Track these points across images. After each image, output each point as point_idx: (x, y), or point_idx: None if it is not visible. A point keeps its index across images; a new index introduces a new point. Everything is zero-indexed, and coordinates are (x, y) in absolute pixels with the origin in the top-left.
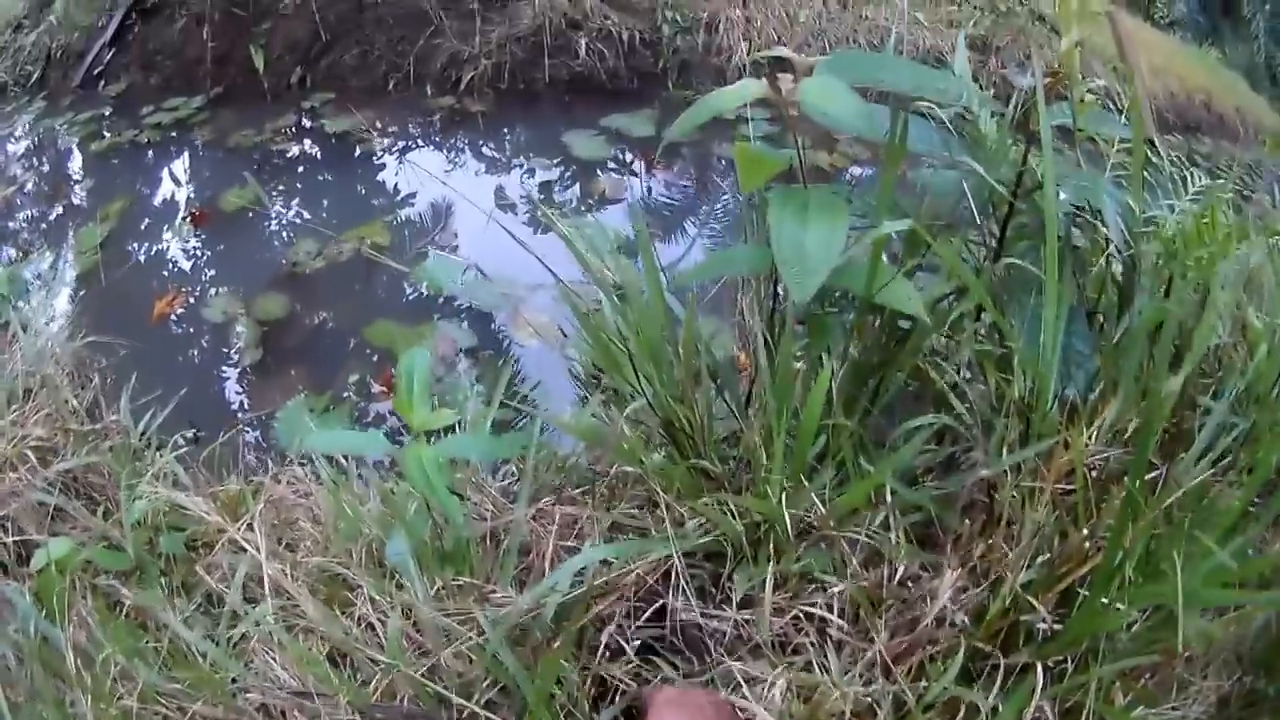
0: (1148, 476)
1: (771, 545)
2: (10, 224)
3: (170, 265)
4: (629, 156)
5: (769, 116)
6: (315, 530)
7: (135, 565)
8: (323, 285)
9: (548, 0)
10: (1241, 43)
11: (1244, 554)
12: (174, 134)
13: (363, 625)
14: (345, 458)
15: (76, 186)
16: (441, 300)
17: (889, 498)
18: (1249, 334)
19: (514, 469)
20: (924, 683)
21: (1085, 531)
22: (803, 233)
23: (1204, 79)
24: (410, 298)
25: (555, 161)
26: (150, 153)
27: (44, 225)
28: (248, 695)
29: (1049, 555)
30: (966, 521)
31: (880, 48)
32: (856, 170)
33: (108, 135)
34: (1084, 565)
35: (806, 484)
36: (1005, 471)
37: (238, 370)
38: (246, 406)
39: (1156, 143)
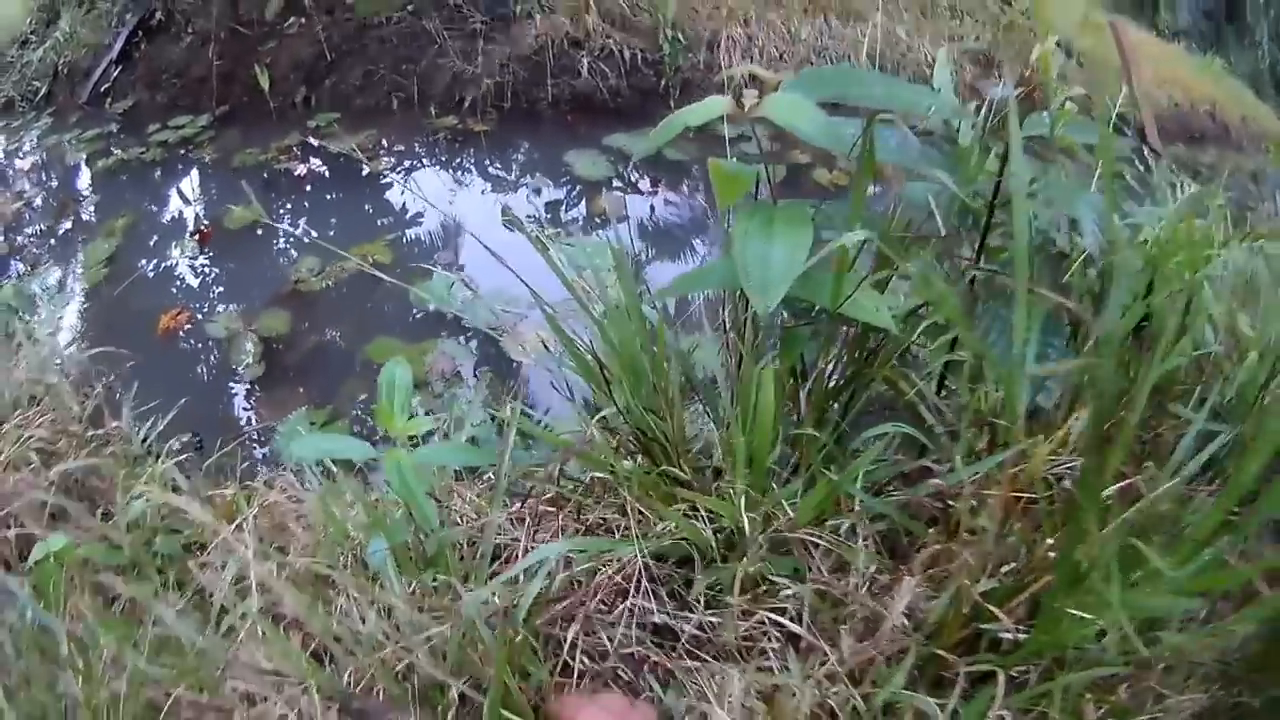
0: (1118, 486)
1: (740, 549)
2: (19, 239)
3: (175, 281)
4: (633, 175)
5: (770, 134)
6: (306, 535)
7: (131, 562)
8: (325, 302)
9: (550, 20)
10: (1246, 50)
11: (1221, 563)
12: (180, 152)
13: (342, 619)
14: (334, 463)
15: (83, 203)
16: (448, 319)
17: (856, 506)
18: (1240, 343)
19: (492, 476)
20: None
21: (1049, 541)
22: (768, 246)
23: (1209, 88)
24: (416, 316)
25: (559, 181)
26: (156, 171)
27: (51, 240)
28: (231, 683)
29: (1014, 565)
30: (930, 530)
31: (881, 63)
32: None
33: (115, 152)
34: (1045, 575)
35: (775, 489)
36: (963, 481)
37: (240, 385)
38: (248, 420)
39: (1160, 153)
